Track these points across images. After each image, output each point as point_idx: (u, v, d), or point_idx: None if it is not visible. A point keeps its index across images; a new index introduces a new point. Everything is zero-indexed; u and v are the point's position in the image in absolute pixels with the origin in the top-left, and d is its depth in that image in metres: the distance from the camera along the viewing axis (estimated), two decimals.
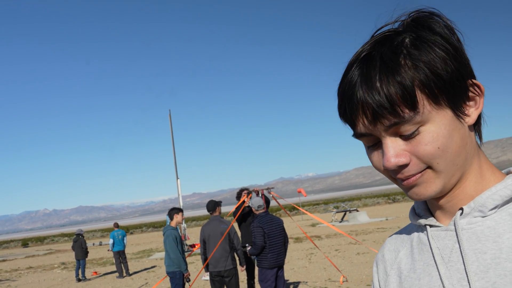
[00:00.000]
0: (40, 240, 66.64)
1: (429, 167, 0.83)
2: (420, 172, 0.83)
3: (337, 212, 36.04)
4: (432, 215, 0.94)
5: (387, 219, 29.53)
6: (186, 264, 8.36)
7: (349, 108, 0.85)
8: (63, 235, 74.23)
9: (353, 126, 0.87)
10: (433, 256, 0.89)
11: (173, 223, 8.43)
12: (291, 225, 31.79)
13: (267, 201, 9.76)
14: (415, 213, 0.99)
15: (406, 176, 0.84)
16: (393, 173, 0.86)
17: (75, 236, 18.32)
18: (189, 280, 8.55)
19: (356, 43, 0.91)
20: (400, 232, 1.06)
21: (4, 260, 35.46)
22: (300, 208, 10.85)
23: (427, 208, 0.97)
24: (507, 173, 0.92)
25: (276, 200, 10.33)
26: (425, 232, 0.94)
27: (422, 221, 0.94)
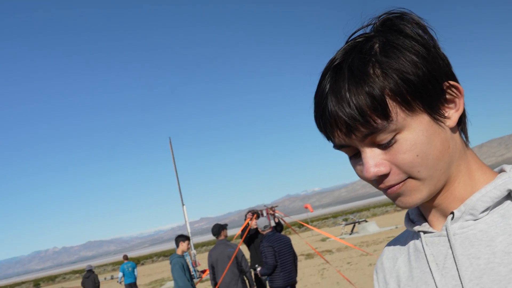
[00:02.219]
0: (52, 279, 66.39)
1: (410, 176, 0.82)
2: (402, 181, 0.82)
3: (346, 224, 35.82)
4: (426, 219, 0.93)
5: (397, 227, 29.33)
6: None
7: (323, 122, 0.84)
8: (74, 272, 73.89)
9: (330, 138, 0.86)
10: (428, 263, 0.88)
11: (179, 251, 8.39)
12: (301, 241, 31.62)
13: (279, 225, 9.74)
14: (409, 219, 0.98)
15: (387, 185, 0.83)
16: (375, 183, 0.85)
17: (86, 272, 18.17)
18: None
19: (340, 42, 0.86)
20: (398, 238, 1.05)
21: None
22: (305, 224, 10.80)
23: (420, 213, 0.96)
24: (500, 171, 0.90)
25: (282, 218, 10.27)
26: (420, 238, 0.93)
27: (416, 228, 0.93)
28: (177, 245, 8.45)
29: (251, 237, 9.49)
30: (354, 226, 33.61)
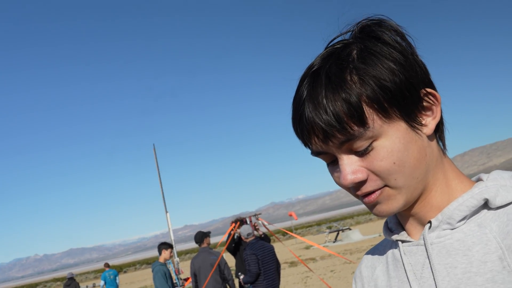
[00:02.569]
0: (32, 287, 65.59)
1: (387, 185, 0.82)
2: (379, 189, 0.82)
3: (330, 232, 35.97)
4: (404, 228, 0.93)
5: (380, 235, 29.42)
6: None
7: (300, 129, 0.84)
8: (55, 279, 73.06)
9: (307, 145, 0.86)
10: (406, 273, 0.88)
11: (161, 259, 8.38)
12: (284, 249, 31.62)
13: (266, 237, 9.63)
14: (388, 228, 0.98)
15: (364, 192, 0.83)
16: (353, 190, 0.85)
17: (66, 280, 17.96)
18: None
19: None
20: (376, 247, 1.05)
21: None
22: (289, 232, 10.80)
23: (398, 222, 0.96)
24: (477, 180, 0.90)
25: (265, 226, 10.26)
26: (398, 247, 0.93)
27: (394, 237, 0.93)
28: (160, 253, 8.44)
29: (237, 245, 9.44)
30: (338, 234, 33.74)
